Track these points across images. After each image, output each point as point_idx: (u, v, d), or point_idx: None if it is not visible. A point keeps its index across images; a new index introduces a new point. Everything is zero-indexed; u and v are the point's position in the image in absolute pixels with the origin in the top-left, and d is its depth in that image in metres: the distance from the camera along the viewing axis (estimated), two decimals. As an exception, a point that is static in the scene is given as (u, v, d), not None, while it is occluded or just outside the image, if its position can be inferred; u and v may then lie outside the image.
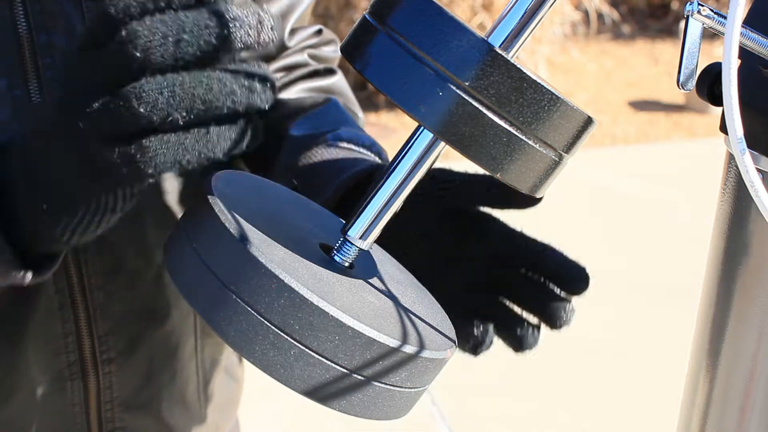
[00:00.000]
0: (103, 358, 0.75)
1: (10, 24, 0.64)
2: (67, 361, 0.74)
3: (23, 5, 0.64)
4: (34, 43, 0.65)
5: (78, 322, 0.73)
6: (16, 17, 0.64)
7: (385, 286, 0.55)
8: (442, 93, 0.45)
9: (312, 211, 0.61)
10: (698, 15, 0.46)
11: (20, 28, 0.65)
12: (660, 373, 2.55)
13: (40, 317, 0.72)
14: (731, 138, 0.43)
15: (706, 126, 4.76)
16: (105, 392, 0.76)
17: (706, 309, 0.57)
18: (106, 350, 0.75)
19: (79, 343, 0.74)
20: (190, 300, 0.49)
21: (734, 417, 0.55)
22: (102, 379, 0.76)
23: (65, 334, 0.73)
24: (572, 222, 3.53)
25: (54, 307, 0.72)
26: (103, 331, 0.75)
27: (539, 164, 0.48)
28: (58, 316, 0.72)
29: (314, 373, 0.47)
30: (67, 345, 0.73)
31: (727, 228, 0.55)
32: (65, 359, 0.74)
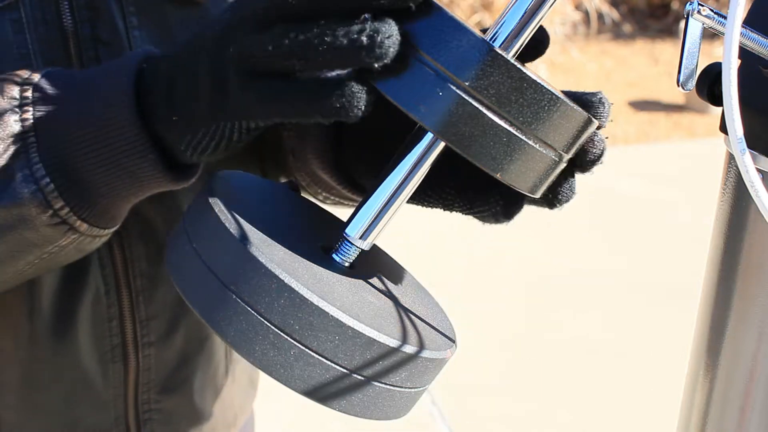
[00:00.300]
0: (144, 341, 0.77)
1: (56, 18, 0.67)
2: (110, 344, 0.76)
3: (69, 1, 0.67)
4: (78, 36, 0.68)
5: (122, 307, 0.75)
6: (62, 11, 0.67)
7: (385, 286, 0.55)
8: (442, 93, 0.45)
9: (312, 211, 0.61)
10: (698, 15, 0.46)
11: (65, 21, 0.67)
12: (660, 373, 2.55)
13: (89, 301, 0.74)
14: (731, 138, 0.43)
15: (706, 126, 4.76)
16: (143, 374, 0.78)
17: (706, 309, 0.57)
18: (147, 334, 0.77)
19: (122, 327, 0.76)
20: (190, 300, 0.49)
21: (734, 417, 0.55)
22: (141, 362, 0.78)
23: (110, 318, 0.75)
24: (572, 222, 3.53)
25: (101, 292, 0.74)
26: (145, 315, 0.77)
27: (539, 164, 0.48)
28: (104, 301, 0.74)
29: (314, 373, 0.47)
30: (111, 329, 0.75)
31: (727, 228, 0.55)
32: (109, 342, 0.76)
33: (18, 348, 0.74)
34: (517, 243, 3.36)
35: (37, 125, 0.56)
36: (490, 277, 3.16)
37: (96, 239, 0.61)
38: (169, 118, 0.53)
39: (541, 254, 3.30)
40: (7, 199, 0.56)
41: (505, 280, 3.14)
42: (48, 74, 0.58)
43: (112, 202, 0.58)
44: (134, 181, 0.57)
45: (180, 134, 0.54)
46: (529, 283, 3.11)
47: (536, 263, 3.24)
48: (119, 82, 0.55)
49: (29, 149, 0.56)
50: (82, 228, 0.58)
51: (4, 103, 0.56)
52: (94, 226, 0.59)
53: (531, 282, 3.12)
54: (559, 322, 2.89)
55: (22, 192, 0.56)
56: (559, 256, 3.30)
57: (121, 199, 0.59)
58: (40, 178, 0.56)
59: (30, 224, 0.57)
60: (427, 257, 3.21)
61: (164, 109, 0.54)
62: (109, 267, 0.74)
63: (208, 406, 0.85)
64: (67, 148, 0.56)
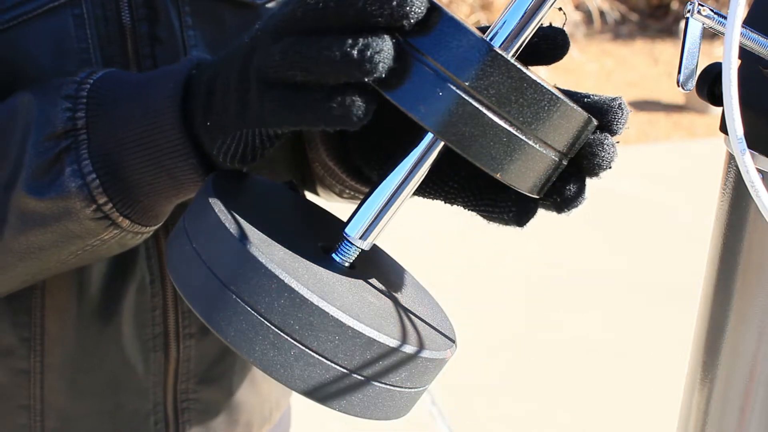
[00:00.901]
0: (185, 332, 0.79)
1: (115, 15, 0.70)
2: (152, 333, 0.78)
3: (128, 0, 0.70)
4: (136, 33, 0.71)
5: (165, 297, 0.77)
6: (121, 9, 0.70)
7: (385, 286, 0.55)
8: (442, 93, 0.45)
9: (312, 211, 0.61)
10: (698, 15, 0.46)
11: (124, 19, 0.70)
12: (660, 373, 2.55)
13: (134, 289, 0.76)
14: (731, 138, 0.43)
15: (706, 126, 4.76)
16: (183, 365, 0.80)
17: (706, 309, 0.57)
18: (188, 325, 0.79)
19: (165, 317, 0.78)
20: (190, 300, 0.49)
21: (734, 417, 0.55)
22: (182, 353, 0.80)
23: (153, 307, 0.77)
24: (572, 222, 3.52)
25: (146, 282, 0.76)
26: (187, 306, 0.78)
27: (539, 164, 0.48)
28: (149, 290, 0.77)
29: (314, 373, 0.47)
30: (154, 318, 0.78)
31: (726, 228, 0.55)
32: (151, 331, 0.78)
33: (65, 330, 0.76)
34: (517, 243, 3.36)
35: (90, 124, 0.59)
36: (490, 277, 3.16)
37: (138, 236, 0.63)
38: (205, 123, 0.56)
39: (541, 254, 3.30)
40: (55, 191, 0.59)
41: (505, 280, 3.14)
42: (105, 76, 0.61)
43: (154, 201, 0.61)
44: (175, 182, 0.59)
45: (212, 139, 0.56)
46: (529, 283, 3.11)
47: (536, 263, 3.24)
48: (167, 87, 0.58)
49: (80, 146, 0.59)
50: (124, 224, 0.61)
51: (61, 101, 0.59)
52: (136, 223, 0.62)
53: (531, 282, 3.12)
54: (559, 322, 2.89)
55: (70, 186, 0.59)
56: (559, 256, 3.30)
57: (163, 199, 0.61)
58: (87, 173, 0.59)
59: (74, 217, 0.60)
60: (427, 257, 3.21)
61: (202, 114, 0.56)
62: (155, 257, 0.76)
63: (245, 399, 0.86)
64: (114, 147, 0.59)
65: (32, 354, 0.76)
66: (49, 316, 0.75)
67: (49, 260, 0.64)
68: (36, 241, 0.62)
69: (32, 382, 0.77)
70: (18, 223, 0.61)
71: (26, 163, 0.60)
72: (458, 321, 0.66)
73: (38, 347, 0.76)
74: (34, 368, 0.77)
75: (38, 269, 0.65)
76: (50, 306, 0.75)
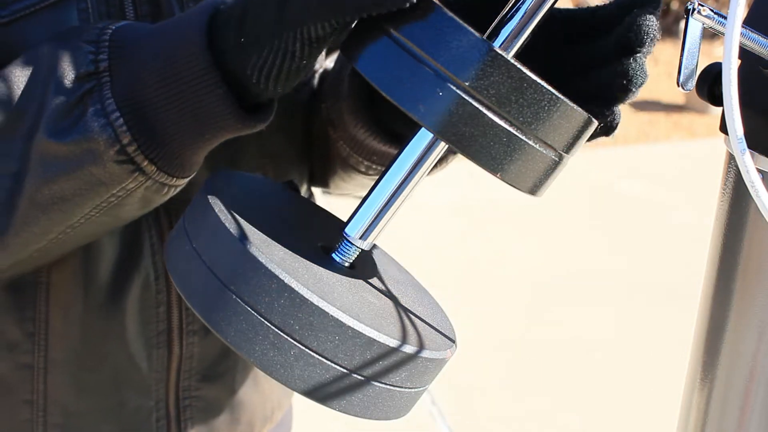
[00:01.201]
0: (189, 329, 0.79)
1: (119, 11, 0.69)
2: (156, 330, 0.78)
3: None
4: None
5: (170, 294, 0.77)
6: (125, 5, 0.70)
7: (385, 286, 0.55)
8: (442, 93, 0.45)
9: (312, 211, 0.61)
10: (698, 15, 0.46)
11: (128, 15, 0.70)
12: (660, 373, 2.55)
13: (138, 286, 0.76)
14: (731, 138, 0.43)
15: (706, 126, 4.76)
16: (186, 362, 0.80)
17: (706, 309, 0.57)
18: (192, 322, 0.79)
19: (169, 314, 0.78)
20: (190, 300, 0.49)
21: (734, 417, 0.55)
22: (185, 350, 0.79)
23: (158, 304, 0.77)
24: (572, 222, 3.53)
25: (151, 278, 0.76)
26: None
27: (539, 164, 0.48)
28: (153, 287, 0.76)
29: (314, 373, 0.47)
30: (158, 314, 0.77)
31: (726, 228, 0.55)
32: (155, 328, 0.78)
33: (69, 326, 0.76)
34: (517, 243, 3.36)
35: (112, 65, 0.58)
36: (490, 277, 3.16)
37: (163, 189, 0.61)
38: (238, 42, 0.54)
39: (541, 254, 3.30)
40: (78, 133, 0.58)
41: (505, 280, 3.14)
42: (126, 24, 0.61)
43: (182, 144, 0.59)
44: (203, 119, 0.57)
45: (247, 56, 0.54)
46: (529, 283, 3.11)
47: (536, 263, 3.24)
48: (191, 22, 0.57)
49: (103, 87, 0.58)
50: (149, 170, 0.59)
51: (83, 45, 0.59)
52: (162, 170, 0.60)
53: (531, 282, 3.12)
54: (559, 322, 2.89)
55: (92, 125, 0.57)
56: (559, 256, 3.30)
57: (191, 141, 0.59)
58: (110, 112, 0.57)
59: (98, 160, 0.58)
60: (427, 257, 3.21)
61: (235, 35, 0.55)
62: (160, 254, 0.76)
63: (247, 398, 0.86)
64: (138, 84, 0.58)
65: (36, 349, 0.76)
66: (53, 312, 0.75)
67: (73, 213, 0.62)
68: (59, 189, 0.60)
69: (36, 377, 0.77)
70: (40, 172, 0.60)
71: (48, 107, 0.58)
72: (458, 321, 0.66)
73: (42, 342, 0.76)
74: (37, 363, 0.77)
75: (62, 224, 0.63)
76: (55, 301, 0.75)
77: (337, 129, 0.74)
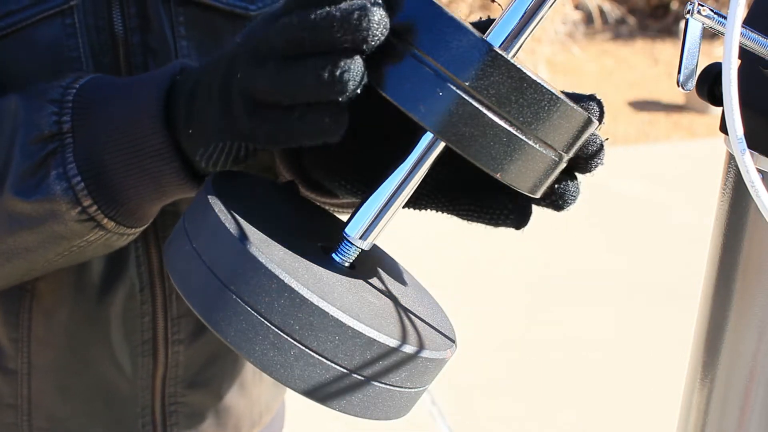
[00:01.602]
0: (174, 338, 0.80)
1: (108, 24, 0.70)
2: (141, 339, 0.78)
3: (120, 7, 0.70)
4: (128, 43, 0.71)
5: (155, 304, 0.78)
6: (114, 19, 0.70)
7: (385, 286, 0.55)
8: (442, 93, 0.45)
9: (312, 211, 0.61)
10: (698, 15, 0.46)
11: (117, 28, 0.70)
12: (660, 373, 2.55)
13: (123, 297, 0.77)
14: (731, 138, 0.43)
15: (706, 126, 4.76)
16: (171, 370, 0.81)
17: (706, 309, 0.57)
18: (177, 332, 0.80)
19: (154, 324, 0.79)
20: (190, 300, 0.49)
21: (734, 417, 0.55)
22: (170, 358, 0.80)
23: (143, 314, 0.78)
24: (572, 222, 3.53)
25: (136, 289, 0.77)
26: (177, 313, 0.79)
27: (539, 164, 0.48)
28: (138, 298, 0.77)
29: (314, 373, 0.47)
30: (143, 324, 0.78)
31: (726, 228, 0.55)
32: (139, 337, 0.78)
33: (52, 333, 0.76)
34: (517, 243, 3.36)
35: (75, 127, 0.60)
36: (490, 277, 3.16)
37: (124, 236, 0.64)
38: (187, 130, 0.57)
39: (541, 254, 3.30)
40: (41, 193, 0.60)
41: (505, 280, 3.14)
42: (90, 81, 0.62)
43: (138, 204, 0.61)
44: (159, 185, 0.60)
45: (194, 146, 0.56)
46: (529, 283, 3.11)
47: (536, 263, 3.24)
48: (151, 91, 0.59)
49: (66, 149, 0.60)
50: (109, 226, 0.61)
51: (47, 105, 0.60)
52: (121, 224, 0.62)
53: (531, 282, 3.12)
54: (559, 322, 2.89)
55: (55, 188, 0.59)
56: (559, 256, 3.30)
57: (147, 201, 0.61)
58: (72, 176, 0.59)
59: (60, 219, 0.60)
60: (427, 257, 3.21)
61: (184, 121, 0.57)
62: (145, 265, 0.77)
63: (234, 403, 0.87)
64: (99, 150, 0.60)
65: (20, 355, 0.77)
66: (35, 319, 0.76)
67: (36, 261, 0.65)
68: (23, 242, 0.62)
69: (20, 382, 0.78)
70: (5, 224, 0.62)
71: (13, 166, 0.60)
72: (458, 321, 0.66)
73: (25, 348, 0.77)
74: (21, 369, 0.77)
75: (26, 269, 0.66)
76: (37, 309, 0.76)
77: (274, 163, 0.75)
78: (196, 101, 0.56)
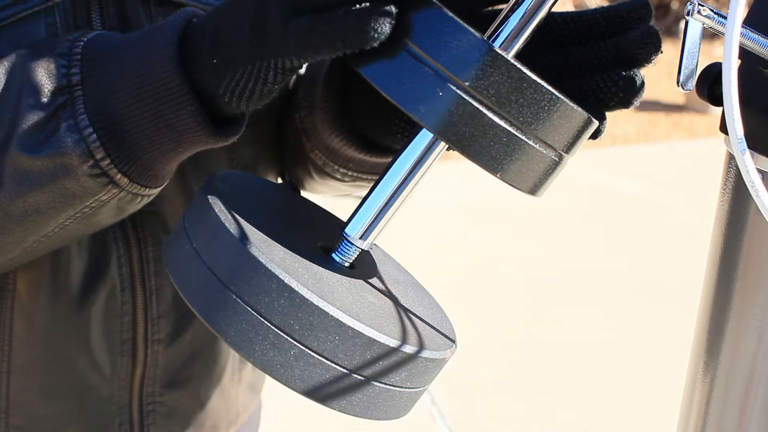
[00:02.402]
0: (154, 338, 0.79)
1: (86, 24, 0.69)
2: (120, 338, 0.78)
3: (99, 8, 0.70)
4: None
5: (135, 305, 0.77)
6: (93, 20, 0.70)
7: (385, 286, 0.55)
8: (442, 93, 0.45)
9: (311, 211, 0.61)
10: (698, 15, 0.46)
11: (95, 27, 0.70)
12: (660, 373, 2.55)
13: (104, 297, 0.76)
14: (731, 138, 0.43)
15: (706, 126, 4.76)
16: (150, 369, 0.80)
17: (706, 309, 0.57)
18: (157, 331, 0.79)
19: (134, 323, 0.78)
20: (190, 300, 0.49)
21: (734, 417, 0.55)
22: (149, 358, 0.80)
23: (122, 315, 0.77)
24: (572, 222, 3.53)
25: (117, 290, 0.76)
26: (156, 313, 0.79)
27: (539, 164, 0.48)
28: (119, 298, 0.77)
29: (314, 373, 0.47)
30: (122, 324, 0.78)
31: (726, 228, 0.55)
32: (119, 337, 0.78)
33: (32, 334, 0.76)
34: (517, 243, 3.36)
35: (85, 79, 0.58)
36: (490, 277, 3.16)
37: (137, 198, 0.62)
38: (210, 62, 0.54)
39: (541, 254, 3.30)
40: (51, 147, 0.58)
41: (505, 280, 3.14)
42: (98, 35, 0.60)
43: (154, 157, 0.59)
44: (174, 134, 0.57)
45: (219, 77, 0.54)
46: (529, 283, 3.11)
47: (536, 263, 3.25)
48: (164, 35, 0.56)
49: (76, 101, 0.58)
50: (123, 182, 0.59)
51: (56, 58, 0.59)
52: (135, 182, 0.60)
53: (531, 282, 3.12)
54: (559, 322, 2.89)
55: (66, 141, 0.57)
56: (559, 256, 3.30)
57: (162, 155, 0.59)
58: (83, 127, 0.57)
59: (72, 174, 0.58)
60: (427, 257, 3.21)
61: (207, 54, 0.55)
62: (126, 266, 0.76)
63: (211, 402, 0.87)
64: (111, 98, 0.57)
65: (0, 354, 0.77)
66: (17, 319, 0.75)
67: (47, 224, 0.62)
68: (33, 202, 0.60)
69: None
70: (14, 185, 0.60)
71: (21, 121, 0.58)
72: (458, 321, 0.66)
73: (6, 348, 0.76)
74: (1, 368, 0.77)
75: (37, 234, 0.64)
76: (19, 309, 0.75)
77: (311, 138, 0.75)
78: (221, 32, 0.54)
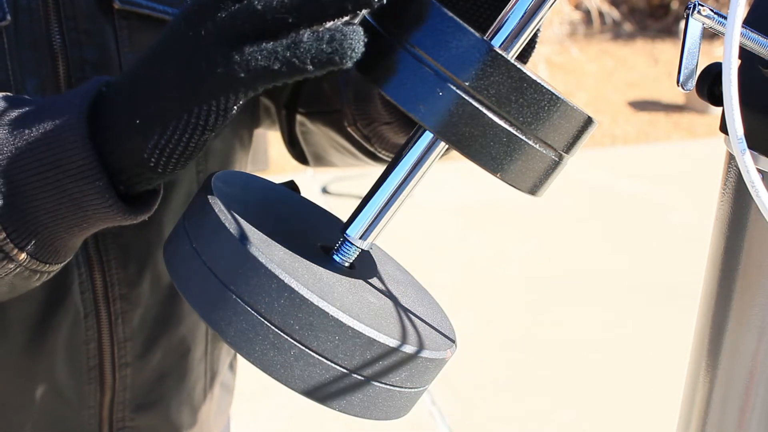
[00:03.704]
0: (121, 362, 0.78)
1: (45, 40, 0.68)
2: (87, 365, 0.76)
3: (59, 22, 0.68)
4: (68, 57, 0.69)
5: (100, 330, 0.76)
6: (51, 33, 0.68)
7: (385, 286, 0.55)
8: (442, 93, 0.45)
9: (312, 211, 0.61)
10: (698, 15, 0.46)
11: (55, 44, 0.68)
12: (660, 373, 2.55)
13: (67, 325, 0.74)
14: (731, 138, 0.43)
15: (706, 126, 4.76)
16: (119, 394, 0.79)
17: (706, 309, 0.57)
18: (124, 354, 0.78)
19: (100, 349, 0.76)
20: (190, 300, 0.49)
21: (734, 417, 0.55)
22: (118, 382, 0.78)
23: (87, 341, 0.75)
24: (572, 222, 3.53)
25: (80, 316, 0.74)
26: (123, 337, 0.77)
27: (539, 164, 0.48)
28: (83, 324, 0.75)
29: (314, 373, 0.47)
30: (88, 351, 0.76)
31: (727, 228, 0.55)
32: (85, 364, 0.76)
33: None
34: (517, 243, 3.36)
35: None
36: (490, 277, 3.16)
37: (37, 275, 0.58)
38: (132, 123, 0.51)
39: (542, 254, 3.30)
40: None
41: (505, 280, 3.14)
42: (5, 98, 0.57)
43: (56, 233, 0.55)
44: (79, 210, 0.54)
45: (146, 137, 0.51)
46: (529, 283, 3.11)
47: (536, 263, 3.24)
48: (72, 103, 0.53)
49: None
50: (20, 257, 0.55)
51: None
52: (35, 258, 0.56)
53: (531, 282, 3.12)
54: (559, 322, 2.89)
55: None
56: (559, 256, 3.30)
57: (65, 231, 0.55)
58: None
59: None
60: (427, 257, 3.21)
61: (127, 117, 0.52)
62: (89, 291, 0.74)
63: (182, 422, 0.86)
64: (12, 169, 0.53)
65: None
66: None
67: None
68: None
69: None
70: None
71: None
72: (458, 321, 0.66)
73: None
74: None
75: None
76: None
77: (374, 142, 0.76)
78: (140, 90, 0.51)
